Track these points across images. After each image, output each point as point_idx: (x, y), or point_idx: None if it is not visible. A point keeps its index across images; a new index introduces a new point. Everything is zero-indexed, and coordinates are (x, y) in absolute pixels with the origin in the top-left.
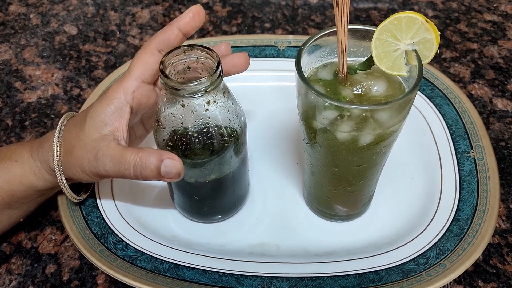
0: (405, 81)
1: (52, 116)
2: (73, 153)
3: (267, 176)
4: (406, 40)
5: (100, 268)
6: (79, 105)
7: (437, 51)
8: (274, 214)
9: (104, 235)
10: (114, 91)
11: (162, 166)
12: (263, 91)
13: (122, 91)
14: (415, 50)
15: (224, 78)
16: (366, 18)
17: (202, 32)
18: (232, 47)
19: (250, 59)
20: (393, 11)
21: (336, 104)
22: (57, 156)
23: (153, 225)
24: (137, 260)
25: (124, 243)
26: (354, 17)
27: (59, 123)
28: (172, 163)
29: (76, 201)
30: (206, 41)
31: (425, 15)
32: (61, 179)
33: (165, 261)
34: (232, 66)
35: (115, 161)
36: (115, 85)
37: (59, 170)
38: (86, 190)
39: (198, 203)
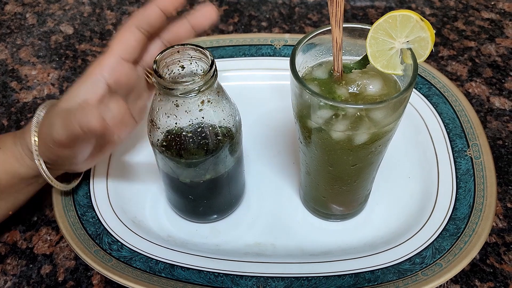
0: (400, 80)
1: None
2: (42, 127)
3: (263, 175)
4: (401, 38)
5: (95, 268)
6: None
7: (432, 49)
8: (270, 214)
9: (99, 235)
10: (91, 67)
11: (106, 110)
12: (259, 90)
13: (99, 67)
14: (410, 49)
15: (218, 77)
16: (363, 17)
17: None
18: (228, 46)
19: (247, 58)
20: (390, 9)
21: (331, 103)
22: (34, 136)
23: (148, 225)
24: (132, 260)
25: (119, 244)
26: (351, 16)
27: (41, 105)
28: (117, 105)
29: (61, 188)
30: (202, 40)
31: (422, 13)
32: (39, 160)
33: (160, 261)
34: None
35: (61, 117)
36: (94, 61)
37: (36, 150)
38: (75, 178)
39: (193, 203)
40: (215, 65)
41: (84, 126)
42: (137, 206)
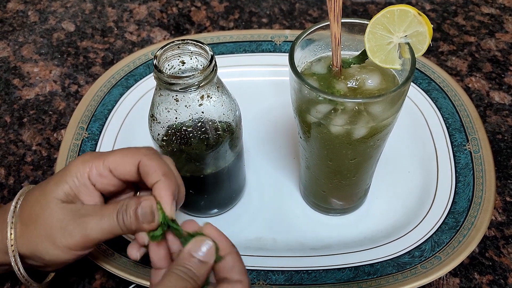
0: (398, 74)
1: (50, 112)
2: (37, 222)
3: (263, 170)
4: (399, 33)
5: (97, 263)
6: (77, 102)
7: (430, 44)
8: (271, 208)
9: None
10: (81, 166)
11: (139, 209)
12: (260, 86)
13: (88, 168)
14: (408, 43)
15: (218, 73)
16: (363, 12)
17: (200, 28)
18: (229, 42)
19: (247, 54)
20: (390, 5)
21: (330, 97)
22: (11, 228)
23: None
24: None
25: (121, 238)
26: (352, 11)
27: (15, 199)
28: (148, 202)
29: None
30: (203, 36)
31: (423, 8)
32: (14, 257)
33: None
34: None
35: (97, 216)
36: (84, 159)
37: (12, 246)
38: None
39: (194, 197)
40: (215, 60)
41: (124, 227)
42: None
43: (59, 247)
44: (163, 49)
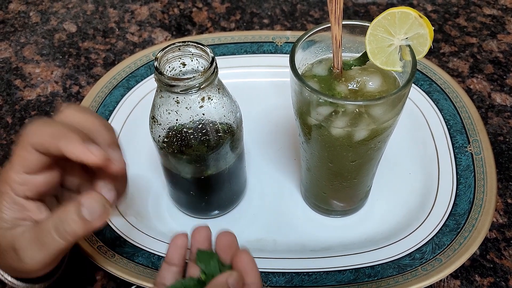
0: (399, 77)
1: (52, 113)
2: None
3: (264, 171)
4: (400, 35)
5: (98, 264)
6: (78, 102)
7: (431, 46)
8: (271, 210)
9: (102, 231)
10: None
11: (83, 210)
12: (261, 87)
13: (8, 186)
14: (409, 46)
15: (219, 75)
16: (364, 13)
17: (201, 29)
18: (230, 43)
19: (248, 55)
20: (392, 6)
21: (330, 100)
22: None
23: (150, 221)
24: (135, 256)
25: (122, 239)
26: (353, 12)
27: None
28: (92, 199)
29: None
30: (204, 37)
31: (424, 9)
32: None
33: (162, 257)
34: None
35: (35, 240)
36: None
37: None
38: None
39: (195, 198)
40: (216, 62)
41: (68, 237)
42: (139, 202)
43: (17, 272)
44: (164, 51)
